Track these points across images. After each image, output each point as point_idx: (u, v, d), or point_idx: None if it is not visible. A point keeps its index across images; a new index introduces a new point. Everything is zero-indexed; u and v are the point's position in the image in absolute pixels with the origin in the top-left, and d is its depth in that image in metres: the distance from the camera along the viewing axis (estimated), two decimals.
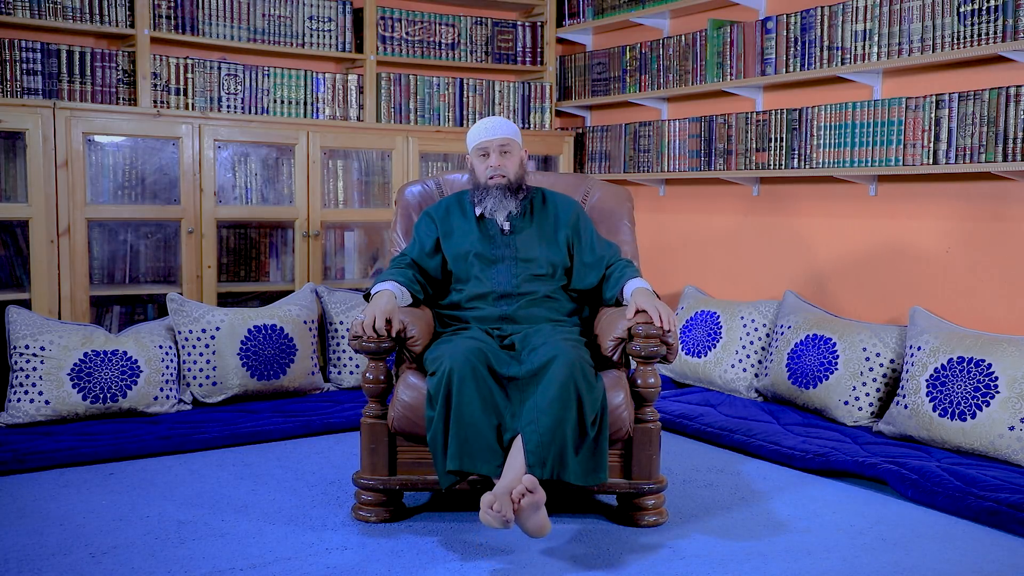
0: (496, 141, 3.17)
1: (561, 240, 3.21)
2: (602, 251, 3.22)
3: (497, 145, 3.16)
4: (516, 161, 3.20)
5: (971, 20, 3.59)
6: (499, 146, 3.16)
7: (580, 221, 3.25)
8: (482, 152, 3.18)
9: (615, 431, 2.85)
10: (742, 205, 4.82)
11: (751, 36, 4.44)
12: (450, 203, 3.29)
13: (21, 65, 4.22)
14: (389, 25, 5.00)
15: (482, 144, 3.18)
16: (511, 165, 3.17)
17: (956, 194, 3.90)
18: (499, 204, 3.15)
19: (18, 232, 4.24)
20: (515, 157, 3.20)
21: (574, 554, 2.69)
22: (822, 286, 4.45)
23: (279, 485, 3.26)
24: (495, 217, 3.18)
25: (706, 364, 4.48)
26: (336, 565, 2.58)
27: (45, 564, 2.56)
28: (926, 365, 3.60)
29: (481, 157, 3.19)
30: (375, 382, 2.94)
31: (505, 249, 3.18)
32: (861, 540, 2.80)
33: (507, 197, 3.16)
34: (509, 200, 3.16)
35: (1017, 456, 3.28)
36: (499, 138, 3.17)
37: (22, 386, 3.78)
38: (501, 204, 3.15)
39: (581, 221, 3.25)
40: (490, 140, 3.17)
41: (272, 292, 4.76)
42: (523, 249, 3.18)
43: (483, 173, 3.18)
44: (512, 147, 3.19)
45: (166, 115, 4.41)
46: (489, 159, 3.17)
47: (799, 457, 3.46)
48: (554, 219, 3.24)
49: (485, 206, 3.17)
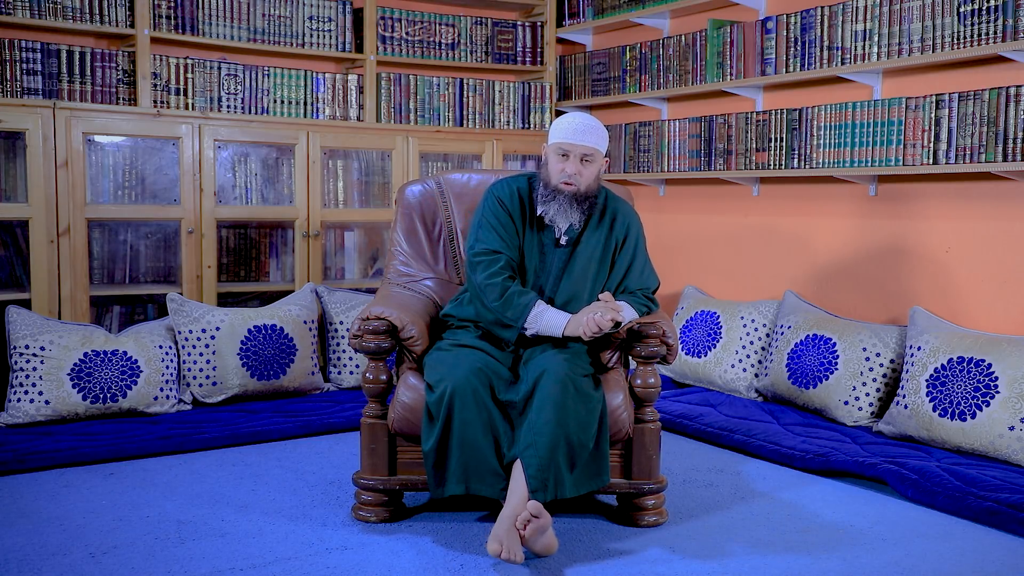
0: (580, 148, 2.95)
1: (607, 257, 3.05)
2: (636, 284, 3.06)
3: (580, 152, 2.95)
4: (594, 172, 3.00)
5: (971, 20, 3.58)
6: (582, 154, 2.95)
7: (631, 238, 3.07)
8: (562, 152, 2.97)
9: (615, 431, 2.85)
10: (742, 205, 4.82)
11: (751, 36, 4.44)
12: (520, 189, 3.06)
13: (21, 65, 4.22)
14: (389, 25, 5.00)
15: (564, 145, 2.96)
16: (587, 176, 2.97)
17: (956, 194, 3.90)
18: (563, 212, 2.97)
19: (18, 232, 4.24)
20: (595, 168, 2.99)
21: (574, 554, 2.69)
22: (822, 286, 4.45)
23: (279, 485, 3.26)
24: (555, 224, 3.01)
25: (706, 364, 4.48)
26: (336, 565, 2.58)
27: (45, 564, 2.56)
28: (926, 365, 3.60)
29: (560, 156, 2.97)
30: (375, 382, 2.94)
31: (555, 261, 3.02)
32: (861, 540, 2.80)
33: (572, 207, 2.97)
34: (574, 211, 2.97)
35: (1017, 456, 3.28)
36: (585, 145, 2.95)
37: (22, 386, 3.78)
38: (565, 213, 2.97)
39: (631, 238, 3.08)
40: (575, 145, 2.95)
41: (272, 292, 4.76)
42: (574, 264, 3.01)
43: (557, 175, 2.97)
44: (595, 157, 2.98)
45: (166, 115, 4.41)
46: (567, 163, 2.95)
47: (799, 457, 3.46)
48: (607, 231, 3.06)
49: (547, 210, 2.99)
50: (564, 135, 2.96)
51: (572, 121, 2.97)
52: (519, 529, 2.53)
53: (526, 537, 2.54)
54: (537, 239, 3.03)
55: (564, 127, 2.97)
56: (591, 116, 3.05)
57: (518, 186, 3.08)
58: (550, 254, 3.03)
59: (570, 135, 2.95)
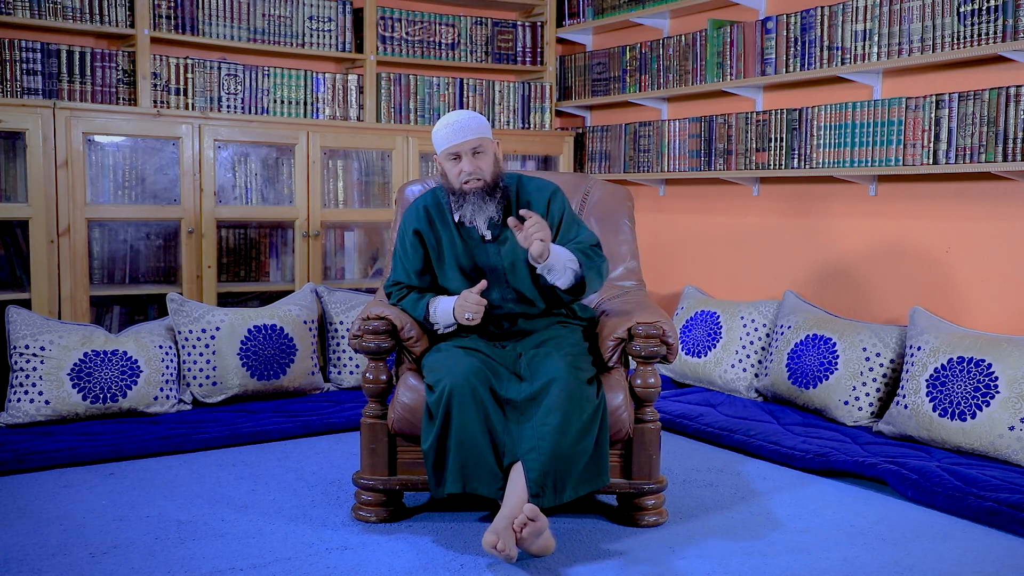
0: (467, 144, 2.93)
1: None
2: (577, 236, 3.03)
3: (469, 148, 2.93)
4: (490, 160, 2.97)
5: (971, 20, 3.59)
6: (471, 148, 2.93)
7: (553, 206, 3.04)
8: (452, 156, 2.95)
9: (615, 431, 2.85)
10: (742, 205, 4.82)
11: (751, 36, 4.44)
12: (428, 206, 3.07)
13: (21, 65, 4.22)
14: (389, 25, 5.00)
15: (452, 148, 2.94)
16: (486, 166, 2.95)
17: (956, 194, 3.90)
18: (478, 210, 2.95)
19: (18, 232, 4.24)
20: (488, 156, 2.97)
21: (574, 554, 2.69)
22: (822, 286, 4.45)
23: (279, 485, 3.26)
24: (475, 224, 3.00)
25: (706, 364, 4.48)
26: (336, 565, 2.58)
27: (45, 564, 2.56)
28: (926, 365, 3.60)
29: (452, 161, 2.95)
30: (375, 382, 2.94)
31: (488, 258, 3.02)
32: (861, 540, 2.80)
33: (486, 201, 2.95)
34: (488, 204, 2.95)
35: (1017, 456, 3.28)
36: (468, 140, 2.93)
37: (22, 386, 3.78)
38: (480, 210, 2.95)
39: (554, 206, 3.05)
40: (459, 144, 2.94)
41: (272, 292, 4.76)
42: (507, 253, 3.01)
43: (456, 179, 2.95)
44: (485, 146, 2.95)
45: (166, 115, 4.41)
46: (461, 163, 2.94)
47: (799, 457, 3.46)
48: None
49: (464, 213, 2.97)
50: (446, 140, 2.95)
51: (447, 124, 2.95)
52: (515, 531, 2.54)
53: (522, 539, 2.55)
54: (463, 243, 3.03)
55: (443, 133, 2.95)
56: (464, 111, 3.00)
57: (425, 204, 3.08)
58: (481, 254, 3.02)
59: (451, 137, 2.94)
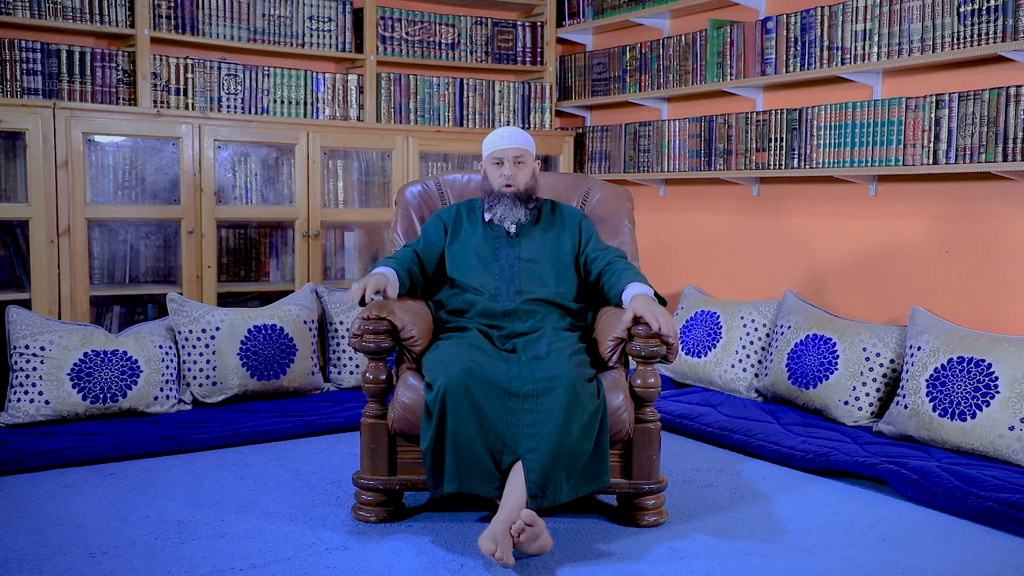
0: (511, 151, 3.25)
1: (565, 242, 3.29)
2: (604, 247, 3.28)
3: (512, 156, 3.25)
4: (528, 172, 3.29)
5: (971, 20, 3.59)
6: (514, 157, 3.25)
7: (583, 222, 3.35)
8: (496, 161, 3.27)
9: (615, 432, 2.85)
10: (742, 205, 4.82)
11: (751, 36, 4.44)
12: (461, 208, 3.38)
13: (21, 65, 4.22)
14: (389, 25, 5.00)
15: (497, 153, 3.27)
16: (523, 176, 3.27)
17: (956, 194, 3.90)
18: (509, 211, 3.25)
19: (18, 232, 4.24)
20: (528, 168, 3.29)
21: (574, 554, 2.69)
22: (822, 286, 4.45)
23: (279, 485, 3.26)
24: (503, 223, 3.28)
25: (706, 364, 4.48)
26: (336, 565, 2.58)
27: (45, 564, 2.56)
28: (926, 365, 3.60)
29: (495, 165, 3.27)
30: (375, 382, 2.94)
31: (508, 249, 3.26)
32: (861, 540, 2.80)
33: (517, 206, 3.25)
34: (519, 208, 3.26)
35: (1017, 456, 3.28)
36: (514, 148, 3.26)
37: (22, 386, 3.78)
38: (511, 212, 3.25)
39: (584, 223, 3.36)
40: (505, 150, 3.26)
41: (272, 292, 4.76)
42: (526, 250, 3.26)
43: (496, 181, 3.26)
44: (526, 158, 3.28)
45: (166, 115, 4.41)
46: (503, 168, 3.25)
47: (799, 457, 3.46)
48: (560, 224, 3.33)
49: (495, 212, 3.27)
50: (494, 145, 3.29)
51: (498, 132, 3.31)
52: (513, 536, 2.54)
53: (520, 543, 2.55)
54: (486, 237, 3.29)
55: (492, 139, 3.30)
56: (515, 127, 3.41)
57: (469, 205, 3.39)
58: (503, 248, 3.26)
59: (499, 143, 3.28)
